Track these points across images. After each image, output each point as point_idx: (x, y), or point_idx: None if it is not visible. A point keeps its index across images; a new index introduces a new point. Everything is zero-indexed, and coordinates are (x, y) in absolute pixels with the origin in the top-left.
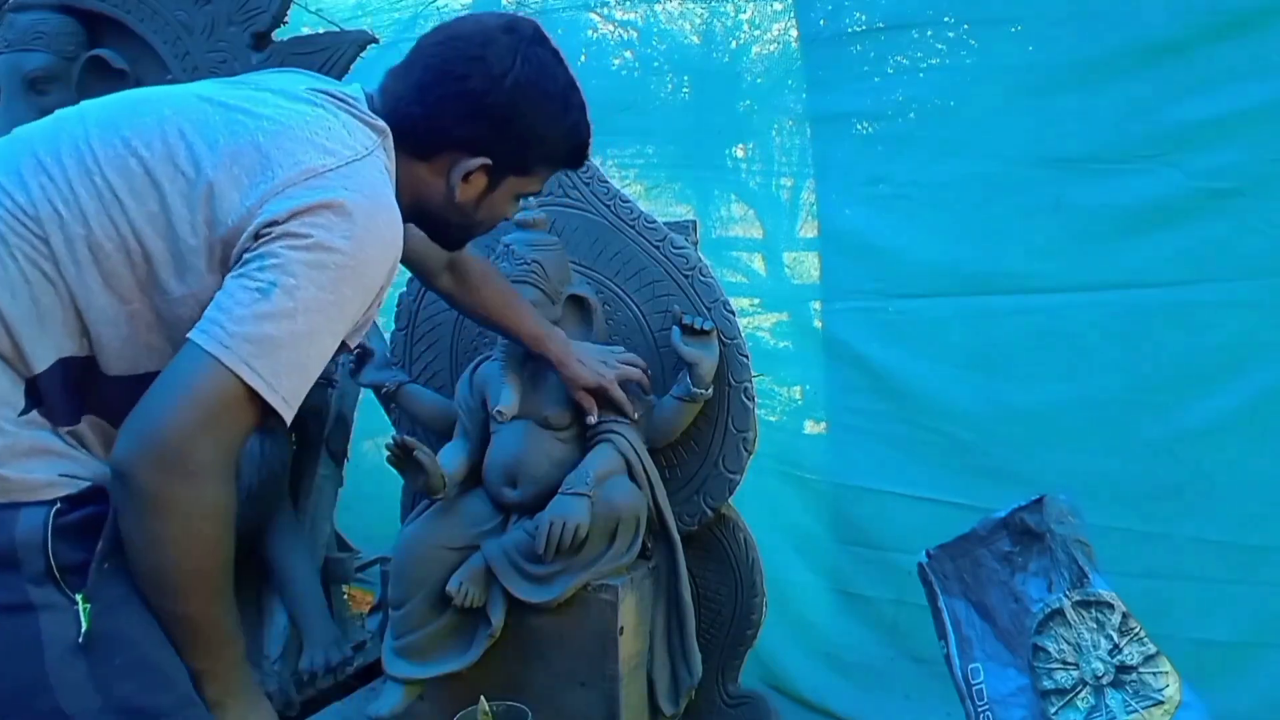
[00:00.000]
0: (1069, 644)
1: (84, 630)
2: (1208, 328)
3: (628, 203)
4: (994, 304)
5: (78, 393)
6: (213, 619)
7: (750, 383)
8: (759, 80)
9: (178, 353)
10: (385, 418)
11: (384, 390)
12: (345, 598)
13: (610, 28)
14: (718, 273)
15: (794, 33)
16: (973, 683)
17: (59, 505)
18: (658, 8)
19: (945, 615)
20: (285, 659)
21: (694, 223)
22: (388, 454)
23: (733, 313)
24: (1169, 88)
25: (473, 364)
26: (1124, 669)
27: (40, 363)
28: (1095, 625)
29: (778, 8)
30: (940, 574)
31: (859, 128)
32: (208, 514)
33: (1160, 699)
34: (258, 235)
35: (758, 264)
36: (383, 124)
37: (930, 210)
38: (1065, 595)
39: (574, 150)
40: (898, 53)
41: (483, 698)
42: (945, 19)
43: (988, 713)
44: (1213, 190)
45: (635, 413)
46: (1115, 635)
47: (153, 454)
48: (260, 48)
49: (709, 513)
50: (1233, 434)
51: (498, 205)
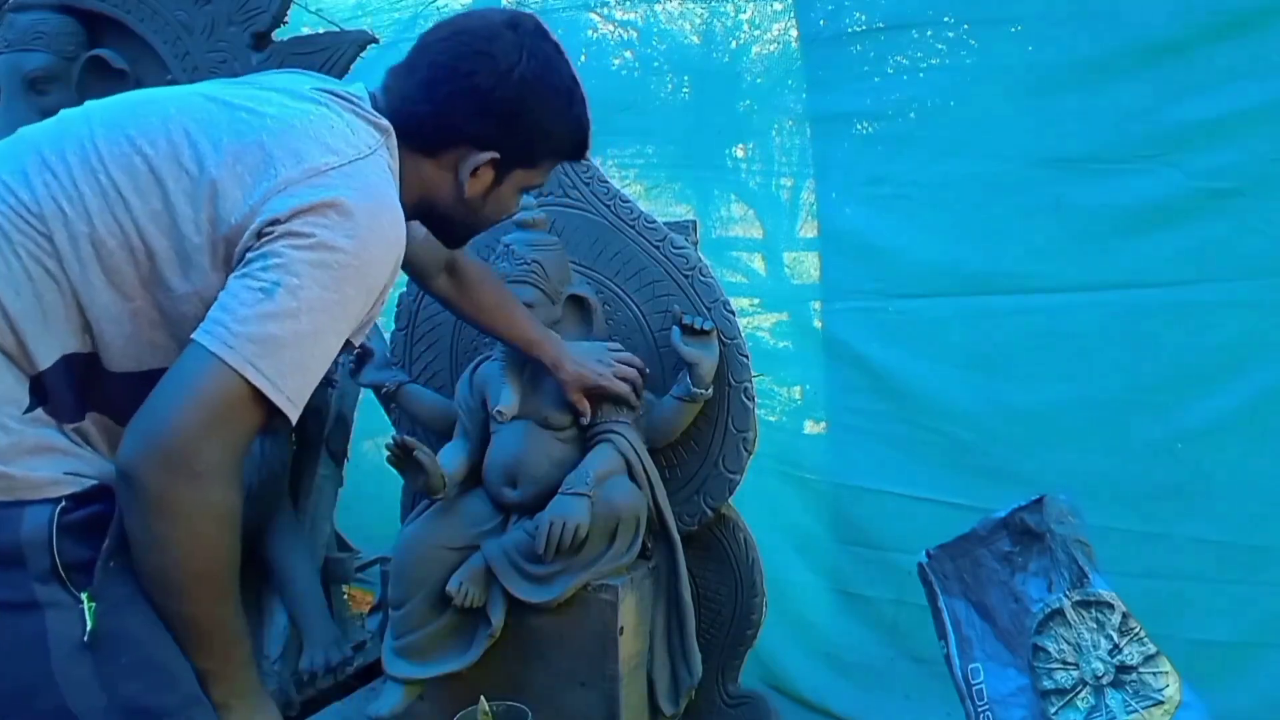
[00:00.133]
0: (1069, 644)
1: (89, 629)
2: (1208, 328)
3: (628, 203)
4: (994, 304)
5: (82, 390)
6: (218, 620)
7: (750, 383)
8: (759, 80)
9: (182, 351)
10: (385, 418)
11: (384, 390)
12: (345, 598)
13: (610, 28)
14: (718, 273)
15: (794, 33)
16: (973, 683)
17: (64, 503)
18: (658, 8)
19: (945, 615)
20: (285, 659)
21: (694, 223)
22: (388, 454)
23: (733, 313)
24: (1169, 88)
25: (473, 364)
26: (1124, 669)
27: (45, 360)
28: (1095, 625)
29: (778, 8)
30: (940, 574)
31: (859, 128)
32: (213, 516)
33: (1160, 699)
34: (260, 234)
35: (758, 264)
36: (386, 123)
37: (930, 210)
38: (1065, 595)
39: (578, 142)
40: (898, 53)
41: (483, 698)
42: (945, 19)
43: (988, 713)
44: (1213, 190)
45: (631, 415)
46: (1115, 635)
47: (158, 455)
48: (260, 48)
49: (709, 513)
50: (1233, 434)
51: (504, 199)
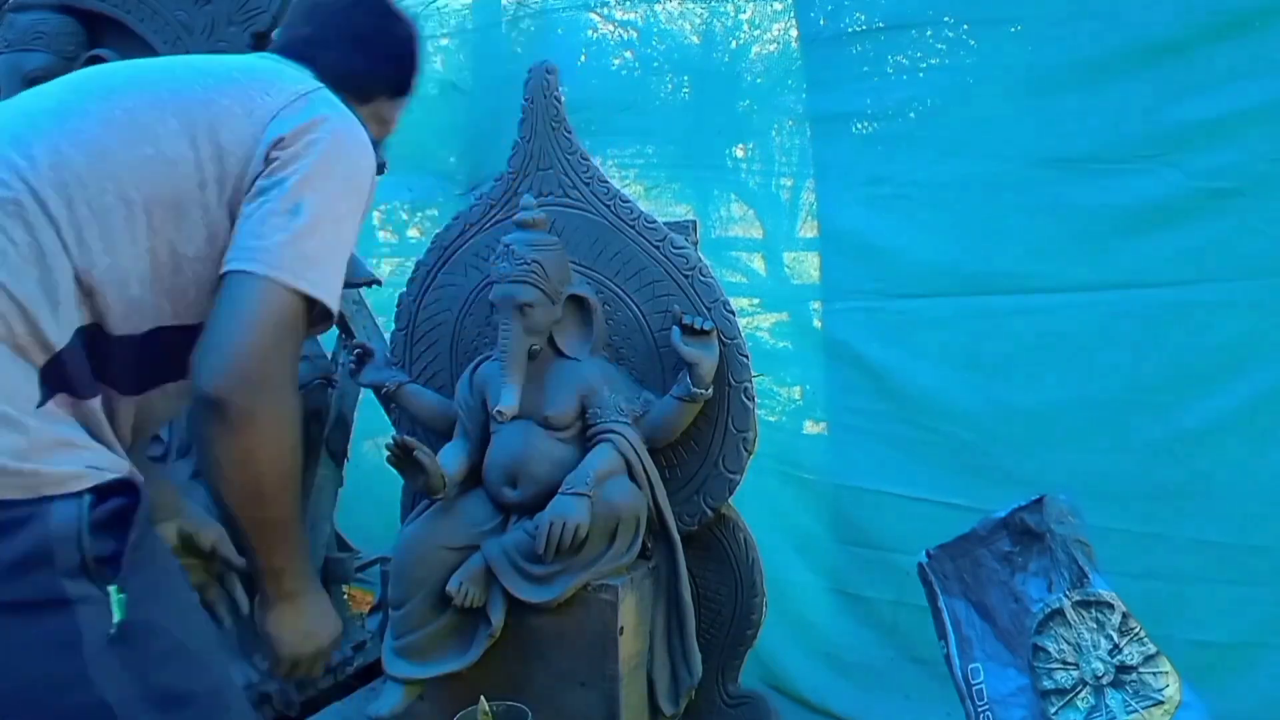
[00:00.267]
0: (1069, 644)
1: (117, 620)
2: (1208, 328)
3: (628, 203)
4: (994, 304)
5: (93, 363)
6: (295, 516)
7: (750, 383)
8: (759, 80)
9: (186, 298)
10: (385, 418)
11: (384, 390)
12: (345, 598)
13: (610, 28)
14: (718, 273)
15: (794, 33)
16: (973, 683)
17: (89, 497)
18: (658, 8)
19: (945, 615)
20: None
21: (694, 223)
22: (388, 454)
23: (733, 313)
24: (1169, 88)
25: (473, 364)
26: (1124, 669)
27: (61, 338)
28: (1095, 625)
29: (778, 8)
30: (940, 574)
31: (859, 128)
32: (291, 420)
33: (1160, 699)
34: (268, 158)
35: (758, 264)
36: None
37: (930, 210)
38: (1065, 595)
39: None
40: (898, 53)
41: (483, 698)
42: (945, 19)
43: (988, 713)
44: (1213, 190)
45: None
46: (1115, 635)
47: (239, 376)
48: (260, 47)
49: (709, 513)
50: (1233, 434)
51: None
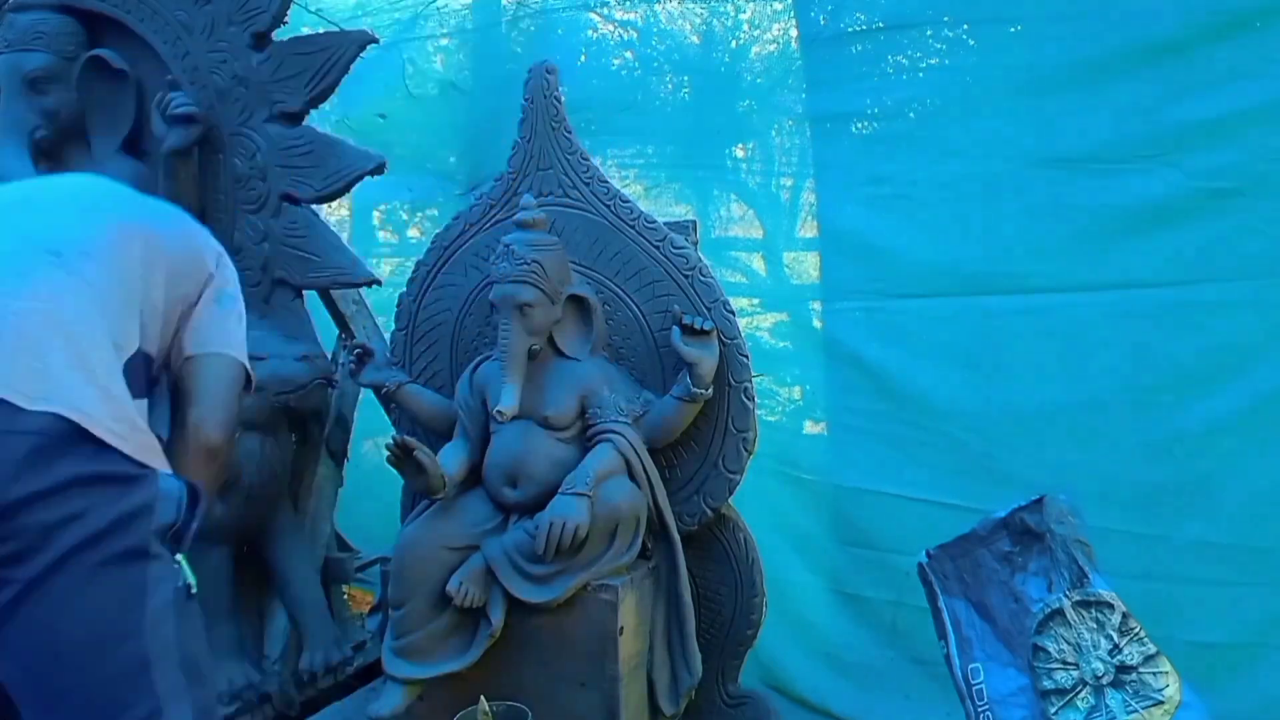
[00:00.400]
0: (1069, 644)
1: (190, 584)
2: (1208, 328)
3: (628, 203)
4: (994, 304)
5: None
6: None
7: (750, 383)
8: (759, 80)
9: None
10: (385, 418)
11: (384, 390)
12: (345, 598)
13: (610, 28)
14: (718, 273)
15: (794, 33)
16: (973, 683)
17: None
18: (658, 8)
19: (945, 615)
20: (285, 659)
21: (694, 223)
22: (388, 454)
23: (733, 313)
24: (1169, 88)
25: (473, 364)
26: (1124, 669)
27: (133, 347)
28: (1095, 625)
29: (778, 8)
30: (940, 574)
31: (859, 128)
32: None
33: (1160, 699)
34: (212, 277)
35: (757, 264)
36: None
37: (930, 210)
38: (1065, 595)
39: None
40: (898, 53)
41: (483, 698)
42: (945, 19)
43: (988, 713)
44: (1213, 190)
45: (631, 415)
46: (1115, 635)
47: (230, 430)
48: (260, 48)
49: (709, 513)
50: (1233, 435)
51: None
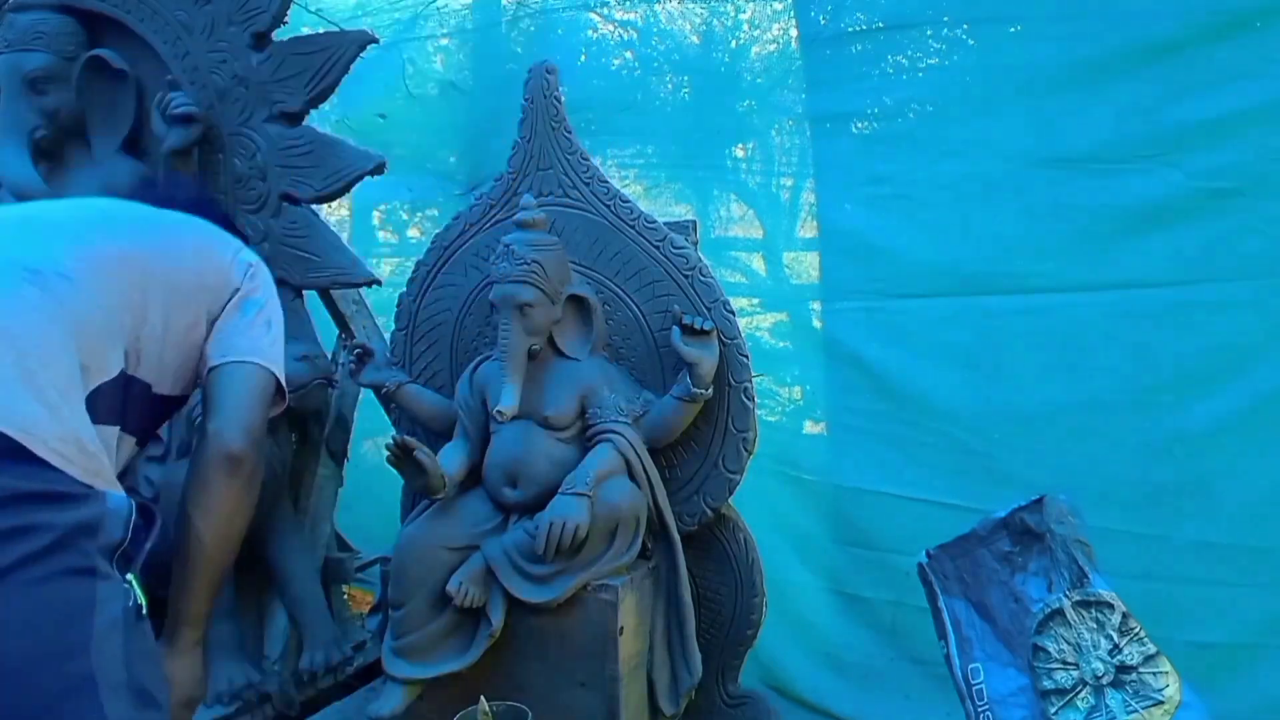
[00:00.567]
0: (1069, 644)
1: (141, 605)
2: (1208, 328)
3: (628, 203)
4: (994, 304)
5: (122, 402)
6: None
7: (750, 383)
8: (759, 80)
9: (162, 366)
10: (385, 418)
11: (384, 390)
12: (345, 598)
13: (610, 28)
14: (718, 273)
15: (794, 33)
16: (973, 683)
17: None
18: (658, 8)
19: (945, 615)
20: (285, 659)
21: (694, 223)
22: (388, 454)
23: (733, 313)
24: (1169, 88)
25: (473, 364)
26: (1124, 669)
27: (113, 371)
28: (1095, 625)
29: (778, 8)
30: (940, 574)
31: (859, 128)
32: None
33: (1160, 699)
34: (240, 287)
35: (757, 264)
36: None
37: (930, 210)
38: (1065, 595)
39: None
40: (897, 52)
41: (483, 698)
42: (945, 19)
43: (988, 713)
44: (1213, 190)
45: (631, 415)
46: (1115, 635)
47: (253, 437)
48: (260, 48)
49: (709, 513)
50: (1233, 435)
51: None
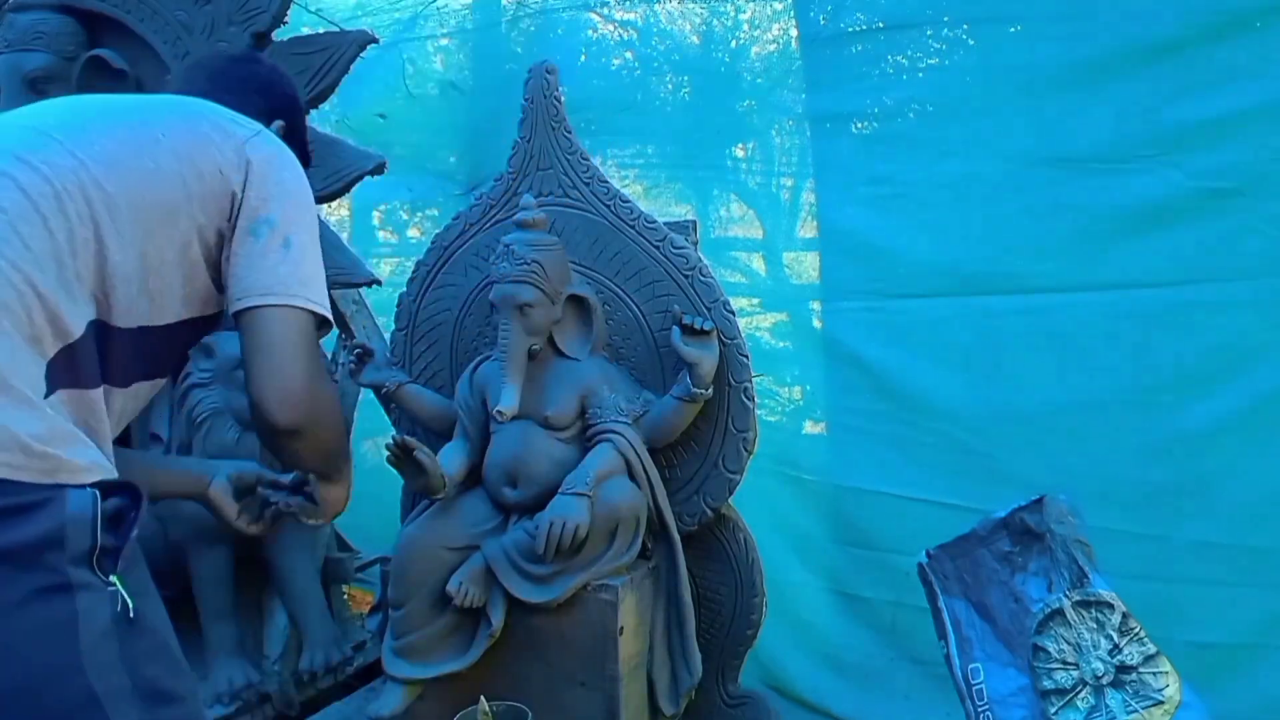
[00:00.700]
0: (1069, 644)
1: (130, 606)
2: (1208, 328)
3: (628, 203)
4: (994, 304)
5: (100, 355)
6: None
7: (750, 383)
8: (759, 80)
9: (165, 296)
10: (385, 418)
11: (384, 390)
12: (345, 598)
13: (610, 28)
14: (718, 273)
15: (794, 33)
16: (973, 683)
17: (99, 490)
18: (658, 8)
19: (945, 615)
20: (285, 659)
21: (694, 223)
22: (388, 454)
23: (733, 313)
24: (1169, 88)
25: (473, 364)
26: (1124, 669)
27: (77, 329)
28: (1095, 625)
29: (778, 8)
30: (940, 574)
31: (859, 128)
32: (337, 408)
33: (1160, 699)
34: (243, 195)
35: (757, 264)
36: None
37: (930, 210)
38: (1065, 595)
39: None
40: (897, 53)
41: (483, 698)
42: (945, 19)
43: (988, 713)
44: (1213, 190)
45: (631, 415)
46: (1115, 635)
47: (300, 403)
48: (260, 48)
49: (709, 513)
50: (1233, 435)
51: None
